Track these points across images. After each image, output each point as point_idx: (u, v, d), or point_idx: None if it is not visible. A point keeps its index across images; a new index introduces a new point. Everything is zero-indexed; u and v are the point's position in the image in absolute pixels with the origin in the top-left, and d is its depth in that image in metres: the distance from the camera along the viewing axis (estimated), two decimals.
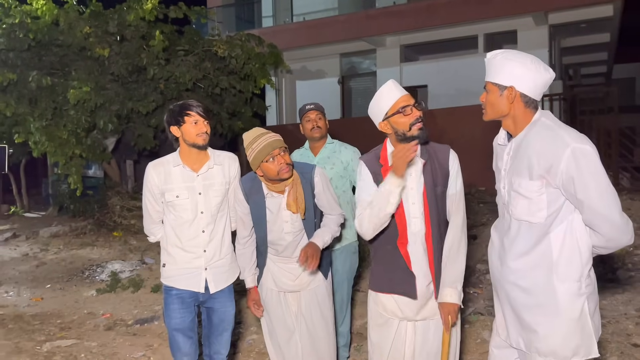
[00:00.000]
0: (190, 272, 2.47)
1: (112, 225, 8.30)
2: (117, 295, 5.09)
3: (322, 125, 3.13)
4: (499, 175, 1.98)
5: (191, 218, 2.45)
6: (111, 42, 7.66)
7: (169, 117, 2.43)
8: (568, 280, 1.78)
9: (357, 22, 12.13)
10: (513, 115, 1.85)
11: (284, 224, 2.49)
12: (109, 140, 9.08)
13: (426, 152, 2.20)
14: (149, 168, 2.49)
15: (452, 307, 2.13)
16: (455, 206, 2.20)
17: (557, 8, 10.45)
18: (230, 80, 8.40)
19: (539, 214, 1.80)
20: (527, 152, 1.80)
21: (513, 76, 1.80)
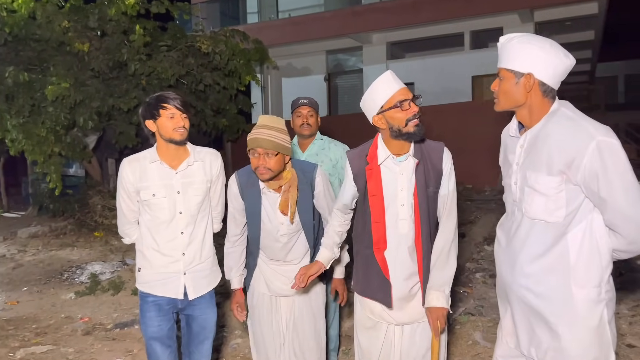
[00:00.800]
0: (167, 277, 2.31)
1: (93, 225, 8.10)
2: (96, 298, 4.91)
3: (313, 122, 2.98)
4: (508, 170, 1.83)
5: (169, 218, 2.29)
6: (91, 37, 7.45)
7: (144, 110, 2.26)
8: (587, 286, 1.64)
9: (343, 18, 12.04)
10: (529, 105, 1.69)
11: (280, 226, 2.35)
12: (90, 138, 8.85)
13: (420, 150, 2.06)
14: (123, 164, 2.33)
15: (441, 312, 2.02)
16: (447, 208, 2.07)
17: (542, 5, 10.46)
18: (214, 77, 8.24)
19: (557, 212, 1.64)
20: (545, 145, 1.64)
21: (531, 62, 1.64)
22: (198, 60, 8.20)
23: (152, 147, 2.35)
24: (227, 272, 2.50)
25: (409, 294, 2.10)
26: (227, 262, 2.49)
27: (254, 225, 2.38)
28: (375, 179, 2.07)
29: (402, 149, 2.04)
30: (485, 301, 4.13)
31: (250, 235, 2.44)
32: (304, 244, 2.43)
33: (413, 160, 2.04)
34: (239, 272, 2.49)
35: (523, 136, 1.75)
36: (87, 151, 8.48)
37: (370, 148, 2.11)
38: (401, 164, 2.06)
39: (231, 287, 2.51)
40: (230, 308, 2.54)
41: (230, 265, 2.49)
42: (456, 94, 11.40)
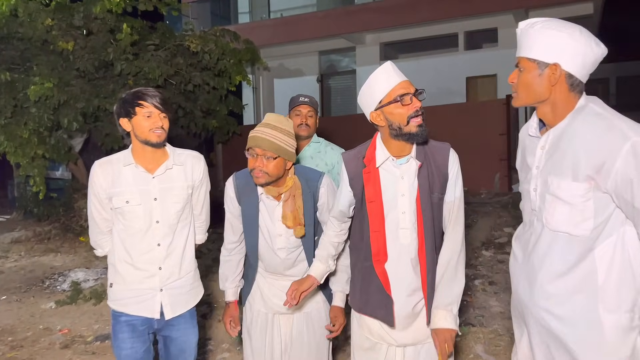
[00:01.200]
0: (142, 294, 2.09)
1: (79, 229, 7.84)
2: (77, 307, 4.68)
3: (312, 123, 2.78)
4: (527, 175, 1.61)
5: (144, 228, 2.07)
6: (76, 36, 7.22)
7: (119, 107, 2.05)
8: (618, 311, 1.43)
9: (336, 18, 11.87)
10: (553, 100, 1.48)
11: (277, 238, 2.11)
12: (77, 140, 8.61)
13: (423, 152, 1.84)
14: (94, 167, 2.12)
15: (449, 334, 1.81)
16: (453, 216, 1.86)
17: (537, 6, 10.35)
18: (203, 77, 8.03)
19: (583, 224, 1.43)
20: (571, 146, 1.43)
21: (558, 51, 1.43)
22: (187, 59, 8.00)
23: (126, 149, 2.13)
24: (222, 282, 2.29)
25: (412, 311, 1.89)
26: (223, 271, 2.28)
27: (252, 233, 2.17)
28: (373, 184, 1.85)
29: (403, 151, 1.83)
30: (485, 310, 3.94)
31: (247, 244, 2.22)
32: (304, 260, 2.19)
33: (415, 163, 1.82)
34: (235, 282, 2.28)
35: (544, 136, 1.54)
36: (73, 153, 8.23)
37: (368, 149, 1.90)
38: (402, 167, 1.84)
39: (225, 299, 2.29)
40: (222, 321, 2.32)
41: (225, 274, 2.28)
42: (450, 95, 11.26)
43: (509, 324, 3.68)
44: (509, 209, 6.98)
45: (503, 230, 6.05)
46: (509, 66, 7.08)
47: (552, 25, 1.45)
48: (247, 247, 2.23)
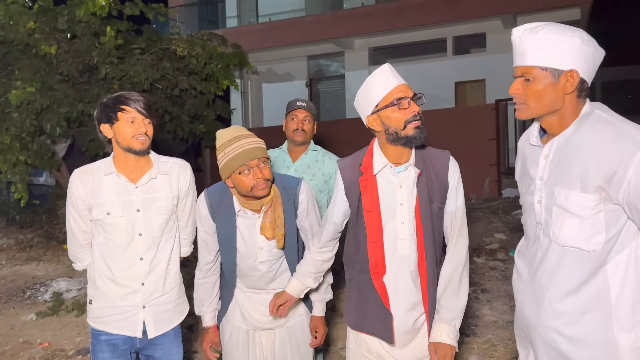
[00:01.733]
0: (123, 312, 1.98)
1: (62, 237, 7.66)
2: (59, 319, 4.54)
3: (309, 129, 2.69)
4: (529, 186, 1.53)
5: (126, 241, 1.96)
6: (60, 39, 7.09)
7: (100, 113, 1.95)
8: (634, 330, 1.35)
9: (325, 23, 11.81)
10: (564, 109, 1.39)
11: (259, 252, 2.02)
12: (60, 146, 8.45)
13: (422, 160, 1.76)
14: (73, 176, 2.00)
15: (449, 350, 1.72)
16: (456, 226, 1.78)
17: (525, 11, 10.37)
18: (190, 81, 7.92)
19: (594, 239, 1.35)
20: (578, 155, 1.36)
21: (573, 56, 1.35)
22: (174, 64, 7.88)
23: (107, 157, 2.02)
24: (198, 307, 2.16)
25: (412, 327, 1.80)
26: (199, 295, 2.15)
27: (229, 252, 2.05)
28: (370, 192, 1.77)
29: (401, 157, 1.75)
30: (478, 319, 3.87)
31: (224, 263, 2.10)
32: (287, 271, 2.10)
33: (414, 171, 1.74)
34: (212, 306, 2.16)
35: (548, 145, 1.45)
36: (56, 159, 8.07)
37: (364, 156, 1.81)
38: (400, 175, 1.76)
39: (203, 324, 2.18)
40: (202, 347, 2.21)
41: (201, 298, 2.15)
42: (439, 100, 11.24)
43: (502, 333, 3.62)
44: (499, 215, 6.94)
45: (494, 236, 6.00)
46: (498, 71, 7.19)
47: (560, 30, 1.38)
48: (224, 265, 2.12)
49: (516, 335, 1.69)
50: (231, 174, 1.89)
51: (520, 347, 1.67)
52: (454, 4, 10.60)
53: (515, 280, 1.63)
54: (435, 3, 10.80)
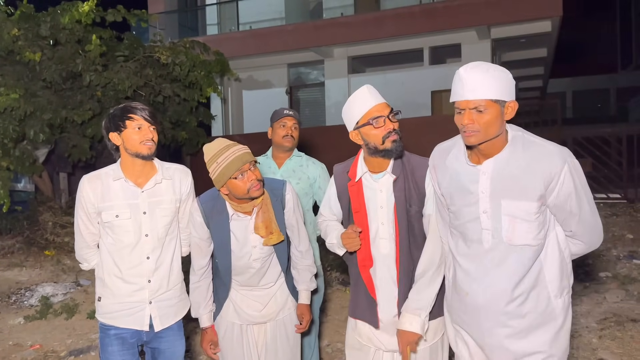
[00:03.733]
0: (131, 307, 2.12)
1: (44, 243, 7.66)
2: (48, 322, 4.60)
3: (296, 136, 2.84)
4: (468, 198, 1.75)
5: (133, 242, 2.11)
6: (43, 46, 7.12)
7: (108, 122, 2.08)
8: (562, 294, 1.76)
9: (305, 32, 12.02)
10: (500, 134, 1.69)
11: (252, 250, 2.18)
12: (41, 152, 8.43)
13: (400, 166, 1.97)
14: (83, 182, 2.12)
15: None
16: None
17: (499, 22, 10.75)
18: (173, 88, 8.01)
19: (539, 235, 1.70)
20: (524, 172, 1.66)
21: (511, 89, 1.64)
22: (157, 71, 7.97)
23: (114, 163, 2.16)
24: (195, 310, 2.30)
25: (395, 319, 2.01)
26: (195, 298, 2.29)
27: (224, 255, 2.21)
28: (357, 196, 2.01)
29: (381, 166, 1.97)
30: None
31: (220, 265, 2.25)
32: (277, 266, 2.28)
33: (391, 177, 1.96)
34: (208, 307, 2.30)
35: (486, 163, 1.71)
36: (38, 165, 8.06)
37: (352, 164, 2.05)
38: (380, 181, 1.98)
39: (201, 325, 2.31)
40: (202, 347, 2.35)
41: (198, 301, 2.29)
42: (416, 108, 11.54)
43: None
44: None
45: None
46: None
47: (497, 67, 1.64)
48: (220, 267, 2.25)
49: (452, 315, 1.89)
50: (227, 181, 2.04)
51: (456, 325, 1.88)
52: (431, 15, 10.94)
53: (460, 276, 1.82)
54: (412, 14, 11.13)
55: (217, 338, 2.31)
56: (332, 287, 4.87)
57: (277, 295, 2.31)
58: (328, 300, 4.44)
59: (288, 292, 2.34)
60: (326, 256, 3.03)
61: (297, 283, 2.34)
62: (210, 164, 2.06)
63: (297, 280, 2.34)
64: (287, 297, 2.34)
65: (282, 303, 2.32)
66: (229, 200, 2.14)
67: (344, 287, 4.86)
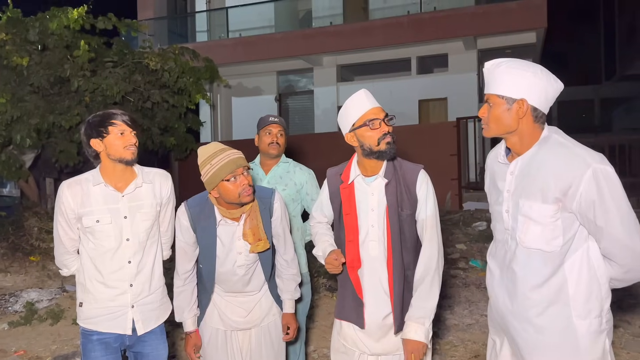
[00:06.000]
0: (113, 312, 2.12)
1: (29, 249, 7.58)
2: (33, 328, 4.57)
3: (282, 142, 2.86)
4: (498, 197, 1.79)
5: (114, 246, 2.11)
6: (31, 51, 7.11)
7: (89, 129, 2.08)
8: (588, 317, 1.61)
9: (294, 40, 12.11)
10: (521, 131, 1.66)
11: (237, 256, 2.19)
12: (27, 157, 8.37)
13: (393, 170, 2.02)
14: (62, 188, 2.12)
15: (417, 345, 1.94)
16: (427, 233, 2.01)
17: (485, 33, 10.92)
18: (162, 94, 8.02)
19: (554, 241, 1.62)
20: (540, 173, 1.62)
21: (524, 87, 1.61)
22: (145, 77, 7.97)
23: (94, 169, 2.17)
24: (179, 314, 2.30)
25: (382, 322, 2.04)
26: (179, 303, 2.29)
27: (209, 260, 2.22)
28: (348, 198, 2.05)
29: (375, 169, 2.02)
30: (440, 323, 4.14)
31: (204, 270, 2.26)
32: (261, 274, 2.30)
33: (383, 180, 2.01)
34: (193, 312, 2.31)
35: (513, 163, 1.72)
36: (24, 170, 8.02)
37: (345, 167, 2.11)
38: (372, 184, 2.03)
39: (185, 330, 2.32)
40: (186, 351, 2.35)
41: (182, 306, 2.29)
42: (404, 116, 11.64)
43: (462, 335, 3.90)
44: (460, 226, 7.29)
45: (455, 246, 6.33)
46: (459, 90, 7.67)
47: (517, 65, 1.64)
48: (204, 272, 2.26)
49: (490, 327, 1.92)
50: (218, 183, 2.05)
51: (494, 336, 1.88)
52: (418, 25, 11.09)
53: (488, 279, 1.85)
54: (400, 24, 11.27)
55: (201, 342, 2.32)
56: (319, 293, 4.90)
57: (261, 302, 2.33)
58: (315, 306, 4.46)
59: (272, 299, 2.36)
60: (313, 262, 3.05)
61: (282, 292, 2.35)
62: (204, 166, 2.08)
63: (282, 289, 2.35)
64: (272, 304, 2.36)
65: (266, 309, 2.34)
66: (218, 205, 2.15)
67: (330, 294, 4.90)
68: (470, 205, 8.52)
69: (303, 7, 13.75)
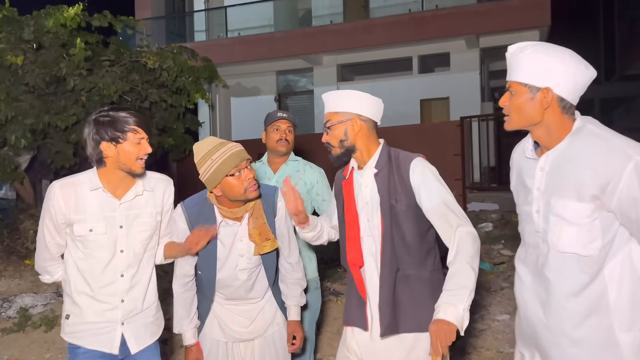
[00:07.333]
0: (101, 327, 1.93)
1: (24, 252, 7.43)
2: (26, 335, 4.41)
3: (291, 139, 2.70)
4: (527, 196, 1.61)
5: (107, 259, 1.91)
6: (26, 50, 6.95)
7: (102, 131, 1.82)
8: (633, 329, 1.44)
9: (294, 39, 11.97)
10: (547, 123, 1.49)
11: (239, 259, 2.03)
12: (23, 158, 8.22)
13: (386, 160, 1.90)
14: (54, 189, 1.89)
15: (444, 326, 1.56)
16: (444, 222, 1.77)
17: (488, 32, 10.79)
18: (160, 94, 7.88)
19: (591, 245, 1.44)
20: (574, 167, 1.44)
21: (549, 75, 1.45)
22: (143, 76, 7.83)
23: (90, 170, 1.94)
24: (179, 324, 2.12)
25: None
26: (178, 312, 2.12)
27: (209, 264, 2.05)
28: (349, 192, 1.97)
29: (362, 162, 1.96)
30: None
31: (204, 276, 2.09)
32: (264, 279, 2.14)
33: (372, 170, 1.92)
34: (194, 322, 2.14)
35: (543, 157, 1.54)
36: (19, 172, 7.85)
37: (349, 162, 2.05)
38: (364, 176, 1.93)
39: (185, 343, 2.13)
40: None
41: (181, 314, 2.12)
42: (405, 116, 11.51)
43: (475, 342, 3.74)
44: None
45: None
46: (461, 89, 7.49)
47: (542, 50, 1.47)
48: (204, 277, 2.10)
49: (518, 339, 1.74)
50: (222, 179, 1.89)
51: (523, 349, 1.70)
52: (420, 24, 10.95)
53: (517, 286, 1.68)
54: (401, 22, 11.13)
55: (203, 356, 2.15)
56: (324, 297, 4.74)
57: (265, 310, 2.18)
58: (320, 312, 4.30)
59: (277, 306, 2.21)
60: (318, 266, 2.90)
61: (286, 298, 2.20)
62: (203, 162, 1.91)
63: (286, 295, 2.20)
64: (276, 312, 2.20)
65: (270, 318, 2.19)
66: (219, 205, 2.00)
67: (335, 298, 4.74)
68: (475, 206, 8.38)
69: (303, 6, 13.61)
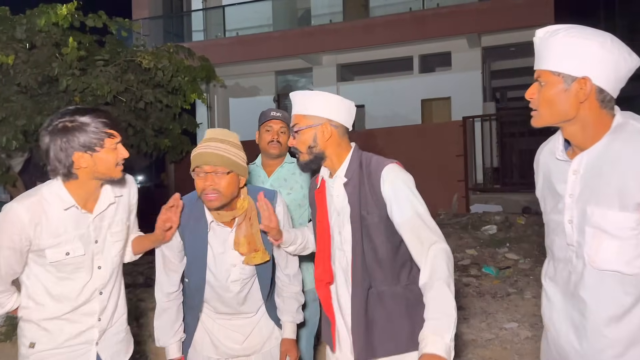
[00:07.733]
0: (73, 351, 1.74)
1: None
2: (13, 345, 4.22)
3: (284, 141, 2.48)
4: (557, 204, 1.40)
5: (86, 279, 1.72)
6: (18, 49, 6.79)
7: (72, 139, 1.58)
8: None
9: (293, 39, 11.82)
10: (582, 119, 1.28)
11: (231, 269, 1.86)
12: (16, 160, 8.05)
13: (357, 167, 1.71)
14: (17, 212, 1.60)
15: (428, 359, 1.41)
16: (414, 238, 1.58)
17: (490, 30, 10.63)
18: (156, 94, 7.71)
19: (636, 262, 1.24)
20: (615, 171, 1.24)
21: (587, 62, 1.24)
22: (138, 76, 7.66)
23: (52, 183, 1.68)
24: (162, 337, 1.94)
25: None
26: (161, 324, 1.93)
27: (198, 272, 1.87)
28: (321, 202, 1.79)
29: (333, 169, 1.79)
30: (457, 338, 3.80)
31: (192, 283, 1.91)
32: (258, 291, 1.96)
33: (341, 180, 1.74)
34: (179, 335, 1.95)
35: (577, 159, 1.33)
36: (11, 174, 7.68)
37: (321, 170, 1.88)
38: (334, 185, 1.75)
39: (167, 358, 1.95)
40: None
41: (164, 327, 1.93)
42: (406, 116, 11.37)
43: (482, 352, 3.56)
44: (469, 230, 6.97)
45: (465, 252, 6.00)
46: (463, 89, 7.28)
47: (579, 34, 1.27)
48: (192, 285, 1.92)
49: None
50: (192, 170, 1.81)
51: None
52: (421, 22, 10.79)
53: (545, 307, 1.50)
54: (402, 21, 10.97)
55: None
56: None
57: (261, 324, 2.01)
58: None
59: (273, 321, 2.04)
60: None
61: (281, 313, 2.02)
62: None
63: (281, 310, 2.01)
64: (274, 327, 2.04)
65: (267, 333, 2.02)
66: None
67: None
68: (478, 207, 8.22)
69: (302, 5, 13.46)
